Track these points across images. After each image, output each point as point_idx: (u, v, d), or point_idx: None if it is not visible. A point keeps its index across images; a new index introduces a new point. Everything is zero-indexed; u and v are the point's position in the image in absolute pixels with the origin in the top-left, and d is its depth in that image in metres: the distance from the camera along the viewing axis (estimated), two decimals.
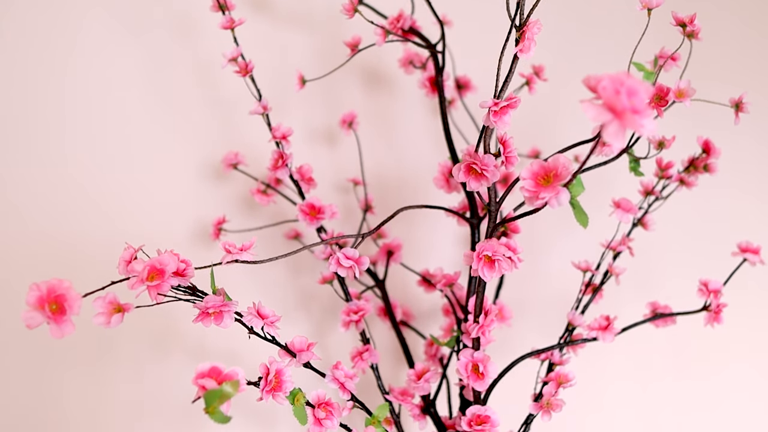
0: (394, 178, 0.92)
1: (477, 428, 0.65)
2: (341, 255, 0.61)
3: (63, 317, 0.47)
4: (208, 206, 0.88)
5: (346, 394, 0.63)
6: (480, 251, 0.58)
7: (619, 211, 0.74)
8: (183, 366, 0.85)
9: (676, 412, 0.93)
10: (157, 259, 0.52)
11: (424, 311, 0.89)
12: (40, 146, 0.85)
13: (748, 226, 0.96)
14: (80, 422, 0.83)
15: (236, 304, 0.56)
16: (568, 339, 0.74)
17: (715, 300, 0.73)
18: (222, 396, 0.47)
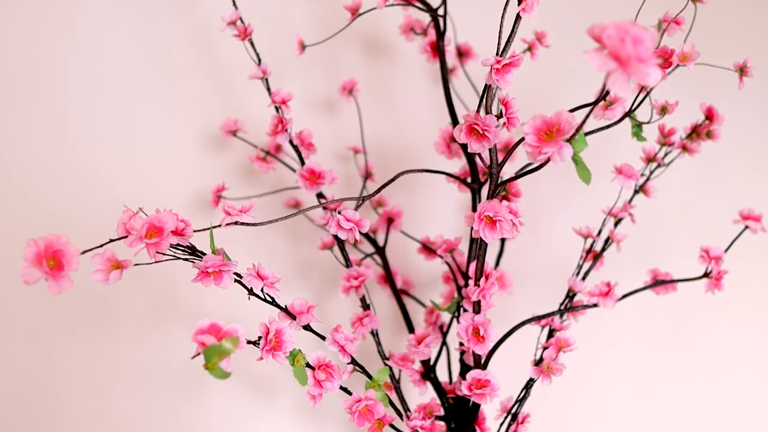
0: (395, 147, 0.91)
1: (477, 392, 0.65)
2: (341, 217, 0.61)
3: (61, 273, 0.47)
4: (208, 175, 0.87)
5: (346, 357, 0.63)
6: (481, 212, 0.58)
7: (620, 177, 0.73)
8: (182, 332, 0.85)
9: (676, 380, 0.94)
10: (155, 217, 0.51)
11: (424, 280, 0.89)
12: (38, 118, 0.84)
13: (750, 194, 0.96)
14: (80, 388, 0.83)
15: (236, 265, 0.55)
16: (568, 305, 0.74)
17: (716, 267, 0.73)
18: (221, 352, 0.47)
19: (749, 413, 0.94)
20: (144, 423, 0.84)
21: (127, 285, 0.85)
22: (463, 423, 0.71)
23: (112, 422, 0.84)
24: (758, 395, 0.94)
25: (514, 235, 0.64)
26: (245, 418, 0.86)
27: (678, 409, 0.93)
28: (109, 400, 0.84)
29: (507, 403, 0.73)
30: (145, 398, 0.85)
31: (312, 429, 0.88)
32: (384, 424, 0.64)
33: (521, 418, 0.72)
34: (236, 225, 0.60)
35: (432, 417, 0.71)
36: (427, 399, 0.73)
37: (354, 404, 0.62)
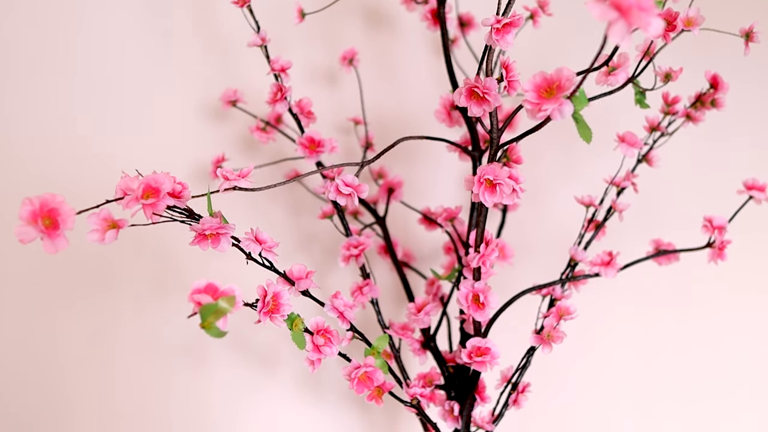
0: (395, 118, 0.90)
1: (477, 360, 0.65)
2: (340, 182, 0.60)
3: (56, 232, 0.47)
4: (207, 147, 0.87)
5: (346, 324, 0.63)
6: (481, 175, 0.57)
7: (623, 145, 0.72)
8: (183, 304, 0.85)
9: (677, 352, 0.93)
10: (152, 178, 0.51)
11: (425, 252, 0.89)
12: (38, 89, 0.84)
13: (754, 163, 0.95)
14: (80, 360, 0.83)
15: (233, 228, 0.55)
16: (570, 275, 0.74)
17: (720, 236, 0.72)
18: (217, 311, 0.46)
19: (750, 382, 0.94)
20: (145, 394, 0.84)
21: (128, 258, 0.85)
22: (463, 392, 0.71)
23: (113, 394, 0.84)
24: (758, 365, 0.94)
25: (515, 202, 0.64)
26: (246, 390, 0.87)
27: (678, 379, 0.93)
28: (110, 373, 0.84)
29: (507, 373, 0.73)
30: (146, 370, 0.85)
31: (312, 400, 0.88)
32: (383, 392, 0.64)
33: (521, 387, 0.72)
34: (235, 190, 0.59)
35: (432, 386, 0.71)
36: (427, 368, 0.73)
37: (353, 371, 0.62)
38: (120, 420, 0.84)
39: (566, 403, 0.92)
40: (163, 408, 0.85)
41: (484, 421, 0.71)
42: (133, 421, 0.84)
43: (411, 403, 0.67)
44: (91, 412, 0.83)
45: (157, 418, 0.85)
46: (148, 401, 0.85)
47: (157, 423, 0.84)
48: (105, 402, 0.84)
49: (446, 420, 0.71)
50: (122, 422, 0.84)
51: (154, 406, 0.85)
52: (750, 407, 0.93)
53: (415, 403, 0.67)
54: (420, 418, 0.70)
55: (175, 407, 0.85)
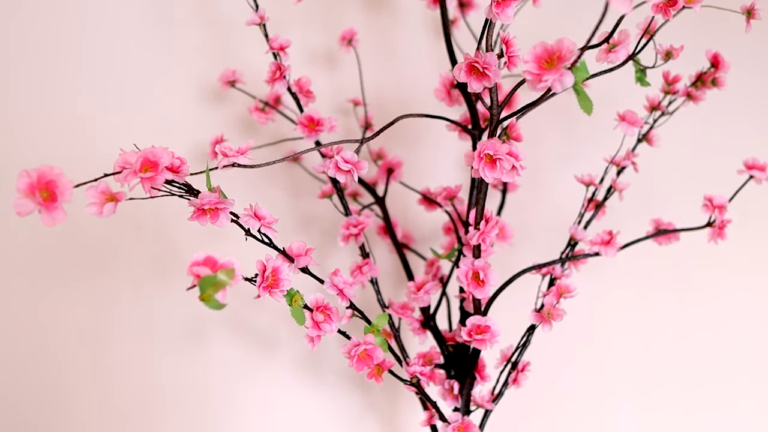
0: (395, 100, 0.90)
1: (477, 338, 0.65)
2: (339, 158, 0.60)
3: (54, 204, 0.46)
4: (206, 128, 0.86)
5: (345, 301, 0.63)
6: (481, 150, 0.57)
7: (624, 123, 0.72)
8: (182, 286, 0.84)
9: (677, 336, 0.93)
10: (150, 151, 0.50)
11: (424, 234, 0.89)
12: (37, 70, 0.84)
13: (755, 143, 0.94)
14: (79, 341, 0.83)
15: (232, 203, 0.55)
16: (569, 254, 0.74)
17: (720, 216, 0.72)
18: (216, 283, 0.46)
19: (749, 367, 0.94)
20: (144, 376, 0.84)
21: (127, 240, 0.85)
22: (462, 370, 0.71)
23: (112, 376, 0.84)
24: (758, 350, 0.94)
25: (514, 180, 0.64)
26: (245, 371, 0.87)
27: (678, 363, 0.93)
28: (109, 354, 0.84)
29: (507, 352, 0.73)
30: (145, 351, 0.84)
31: (312, 382, 0.88)
32: (383, 370, 0.64)
33: (521, 366, 0.72)
34: (234, 167, 0.59)
35: (432, 365, 0.71)
36: (426, 348, 0.73)
37: (353, 348, 0.62)
38: (119, 402, 0.84)
39: (566, 386, 0.92)
40: (162, 389, 0.85)
41: (484, 399, 0.71)
42: (132, 402, 0.84)
43: (411, 382, 0.67)
44: (90, 394, 0.83)
45: (156, 400, 0.85)
46: (147, 383, 0.85)
47: (156, 404, 0.84)
48: (103, 384, 0.84)
49: (446, 399, 0.71)
50: (121, 404, 0.84)
51: (153, 388, 0.85)
52: (749, 392, 0.94)
53: (414, 382, 0.66)
54: (420, 397, 0.70)
55: (174, 388, 0.85)
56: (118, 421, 0.84)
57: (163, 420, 0.85)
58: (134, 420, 0.84)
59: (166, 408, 0.85)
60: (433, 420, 0.69)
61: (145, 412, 0.84)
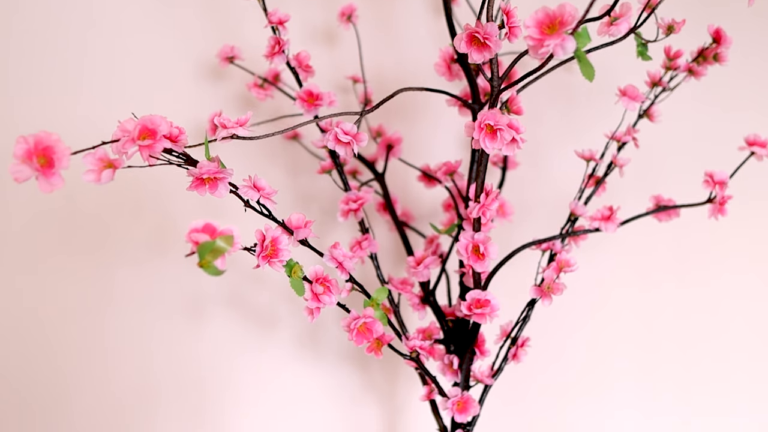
0: (395, 78, 0.90)
1: (477, 312, 0.64)
2: (339, 130, 0.60)
3: (52, 170, 0.46)
4: (204, 106, 0.86)
5: (345, 274, 0.63)
6: (481, 120, 0.56)
7: (625, 98, 0.72)
8: (181, 264, 0.85)
9: (677, 315, 0.93)
10: (148, 119, 0.50)
11: (424, 211, 0.88)
12: (35, 48, 0.83)
13: (757, 120, 0.94)
14: (77, 318, 0.83)
15: (231, 173, 0.55)
16: (570, 230, 0.73)
17: (720, 191, 0.72)
18: (215, 250, 0.46)
19: (746, 345, 0.94)
20: (143, 354, 0.84)
21: (126, 217, 0.85)
22: (462, 345, 0.71)
23: (108, 352, 0.84)
24: (755, 328, 0.94)
25: (514, 153, 0.63)
26: (244, 349, 0.86)
27: (677, 341, 0.93)
28: (107, 331, 0.84)
29: (507, 327, 0.73)
30: (143, 329, 0.84)
31: (311, 360, 0.88)
32: (383, 344, 0.64)
33: (521, 342, 0.71)
34: (233, 139, 0.59)
35: (431, 340, 0.70)
36: (426, 324, 0.73)
37: (352, 321, 0.61)
38: (116, 379, 0.84)
39: (566, 363, 0.92)
40: (161, 367, 0.85)
41: (484, 375, 0.71)
42: (130, 379, 0.84)
43: (410, 356, 0.67)
44: (87, 371, 0.83)
45: (154, 378, 0.85)
46: (145, 360, 0.85)
47: (154, 382, 0.84)
48: (101, 361, 0.83)
49: (445, 374, 0.71)
50: (119, 381, 0.84)
51: (151, 365, 0.85)
52: (746, 368, 0.94)
53: (414, 356, 0.66)
54: (419, 372, 0.69)
55: (171, 365, 0.85)
56: (115, 398, 0.84)
57: (161, 396, 0.85)
58: (132, 397, 0.84)
59: (164, 385, 0.85)
60: (433, 395, 0.69)
61: (143, 389, 0.84)
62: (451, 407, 0.68)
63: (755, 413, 0.93)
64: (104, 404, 0.83)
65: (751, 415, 0.93)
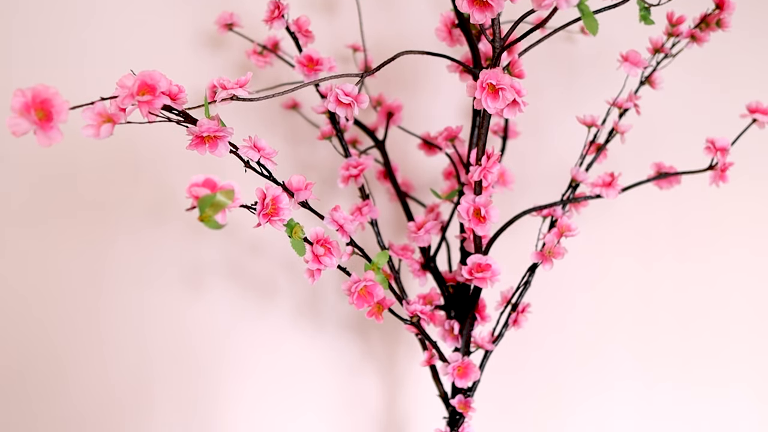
0: (395, 48, 0.87)
1: (478, 276, 0.64)
2: (339, 91, 0.59)
3: (50, 124, 0.45)
4: (203, 75, 0.85)
5: (346, 237, 0.62)
6: (483, 80, 0.56)
7: (626, 64, 0.71)
8: (180, 233, 0.84)
9: (676, 288, 0.93)
10: (147, 74, 0.49)
11: (423, 182, 0.88)
12: (29, 19, 0.82)
13: (759, 87, 0.93)
14: (76, 288, 0.83)
15: (231, 131, 0.54)
16: (571, 196, 0.73)
17: (722, 158, 0.71)
18: (215, 204, 0.46)
19: (745, 318, 0.94)
20: (142, 323, 0.84)
21: (125, 186, 0.84)
22: (463, 311, 0.70)
23: (107, 321, 0.83)
24: (753, 302, 0.94)
25: (516, 115, 0.63)
26: (243, 320, 0.86)
27: (676, 313, 0.93)
28: (105, 300, 0.83)
29: (507, 293, 0.73)
30: (142, 298, 0.84)
31: (310, 330, 0.87)
32: (383, 308, 0.64)
33: (522, 308, 0.71)
34: (233, 100, 0.58)
35: (432, 306, 0.70)
36: (426, 290, 0.73)
37: (353, 285, 0.61)
38: (114, 348, 0.84)
39: (566, 335, 0.92)
40: (159, 337, 0.84)
41: (484, 340, 0.71)
42: (128, 349, 0.84)
43: (411, 321, 0.66)
44: (84, 340, 0.83)
45: (152, 347, 0.84)
46: (145, 330, 0.84)
47: (152, 352, 0.84)
48: (99, 330, 0.83)
49: (446, 340, 0.71)
50: (116, 350, 0.84)
51: (151, 336, 0.84)
52: (744, 340, 0.94)
53: (415, 321, 0.66)
54: (419, 338, 0.69)
55: (170, 336, 0.85)
56: (112, 368, 0.83)
57: (158, 366, 0.84)
58: (129, 366, 0.84)
59: (162, 354, 0.85)
60: (433, 360, 0.69)
61: (141, 359, 0.84)
62: (451, 372, 0.68)
63: (753, 384, 0.93)
64: (101, 373, 0.83)
65: (749, 385, 0.93)
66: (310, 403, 0.88)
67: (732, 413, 0.93)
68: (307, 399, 0.88)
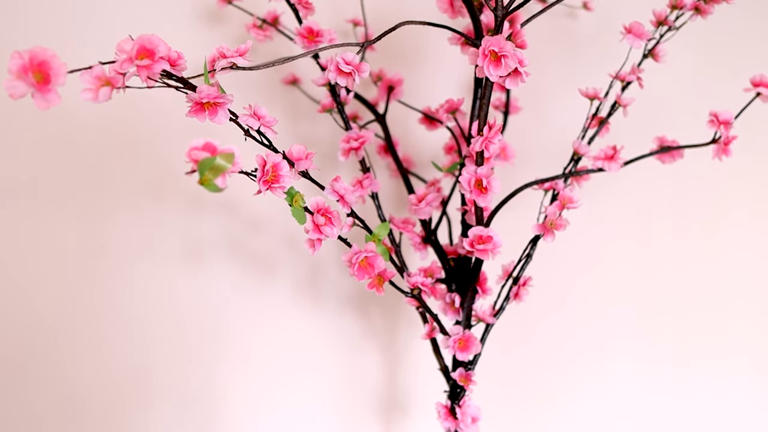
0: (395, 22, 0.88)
1: (479, 248, 0.64)
2: (340, 59, 0.59)
3: (48, 86, 0.45)
4: (202, 50, 0.84)
5: (346, 208, 0.62)
6: (486, 47, 0.55)
7: (630, 36, 0.70)
8: (180, 209, 0.84)
9: (676, 267, 0.93)
10: (146, 38, 0.49)
11: (424, 158, 0.88)
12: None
13: (763, 62, 0.93)
14: (75, 264, 0.82)
15: (232, 98, 0.54)
16: (573, 169, 0.73)
17: (725, 132, 0.71)
18: (215, 167, 0.45)
19: (744, 295, 0.94)
20: (143, 299, 0.84)
21: (124, 162, 0.84)
22: (464, 284, 0.70)
23: (106, 298, 0.83)
24: (753, 281, 0.94)
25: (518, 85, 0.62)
26: (243, 296, 0.86)
27: (676, 292, 0.93)
28: (104, 277, 0.83)
29: (509, 267, 0.72)
30: (142, 275, 0.84)
31: (310, 307, 0.87)
32: (384, 280, 0.63)
33: (523, 281, 0.71)
34: (232, 69, 0.58)
35: (433, 279, 0.70)
36: (427, 264, 0.73)
37: (354, 256, 0.61)
38: (114, 325, 0.83)
39: (567, 312, 0.92)
40: (159, 313, 0.84)
41: (485, 314, 0.70)
42: (128, 325, 0.84)
43: (412, 294, 0.66)
44: (84, 317, 0.83)
45: (152, 324, 0.84)
46: (144, 306, 0.84)
47: (152, 328, 0.84)
48: (98, 307, 0.83)
49: (447, 313, 0.71)
50: (116, 327, 0.83)
51: (151, 312, 0.84)
52: (744, 317, 0.94)
53: (416, 293, 0.66)
54: (420, 311, 0.69)
55: (170, 312, 0.85)
56: (112, 344, 0.83)
57: (158, 343, 0.84)
58: (129, 343, 0.84)
59: (161, 330, 0.84)
60: (434, 333, 0.69)
61: (140, 335, 0.84)
62: (452, 345, 0.67)
63: (754, 359, 0.93)
64: (102, 347, 0.83)
65: (750, 360, 0.93)
66: (309, 379, 0.88)
67: (732, 389, 0.93)
68: (306, 375, 0.88)
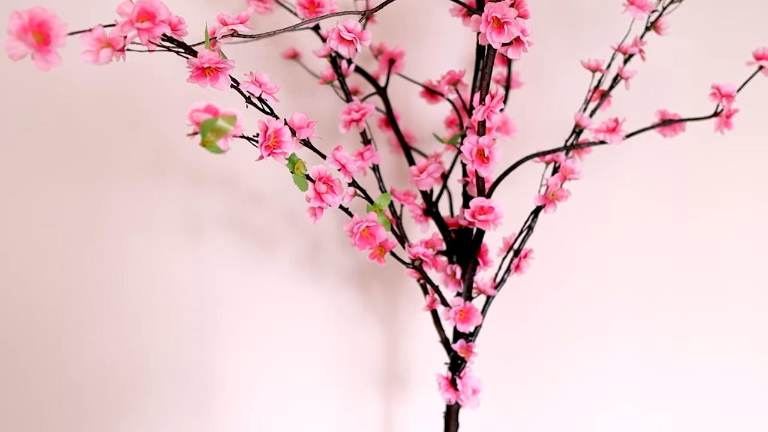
0: None
1: (481, 218, 0.64)
2: (342, 27, 0.58)
3: (48, 47, 0.45)
4: (201, 24, 0.84)
5: (348, 177, 0.62)
6: (488, 13, 0.55)
7: (632, 7, 0.70)
8: (180, 185, 0.84)
9: (677, 248, 0.93)
10: (147, 1, 0.49)
11: (425, 134, 0.87)
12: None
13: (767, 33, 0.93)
14: (76, 240, 0.82)
15: (233, 64, 0.53)
16: (574, 142, 0.72)
17: (728, 105, 0.70)
18: (216, 129, 0.45)
19: (746, 275, 0.94)
20: (143, 275, 0.84)
21: (124, 137, 0.83)
22: (465, 255, 0.70)
23: (108, 273, 0.83)
24: (755, 262, 0.94)
25: (520, 55, 0.62)
26: (243, 271, 0.86)
27: (677, 272, 0.93)
28: (105, 252, 0.83)
29: (510, 239, 0.72)
30: (142, 249, 0.84)
31: (311, 282, 0.87)
32: (385, 250, 0.63)
33: (524, 253, 0.71)
34: (234, 37, 0.58)
35: (434, 250, 0.70)
36: (429, 236, 0.73)
37: (355, 225, 0.61)
38: (115, 300, 0.83)
39: (566, 291, 0.92)
40: (159, 289, 0.84)
41: (486, 286, 0.70)
42: (128, 301, 0.84)
43: (413, 265, 0.66)
44: (85, 292, 0.83)
45: (152, 299, 0.84)
46: (144, 282, 0.84)
47: (152, 304, 0.84)
48: (99, 282, 0.83)
49: (448, 285, 0.71)
50: (118, 302, 0.83)
51: (150, 288, 0.84)
52: (745, 297, 0.94)
53: (417, 264, 0.66)
54: (421, 283, 0.69)
55: (170, 288, 0.85)
56: (114, 320, 0.83)
57: (158, 318, 0.84)
58: (129, 319, 0.84)
59: (162, 306, 0.84)
60: (435, 305, 0.69)
61: (141, 311, 0.84)
62: (453, 317, 0.67)
63: (753, 336, 0.94)
64: (104, 323, 0.83)
65: (750, 338, 0.94)
66: (310, 354, 0.88)
67: (731, 365, 0.93)
68: (307, 350, 0.88)
